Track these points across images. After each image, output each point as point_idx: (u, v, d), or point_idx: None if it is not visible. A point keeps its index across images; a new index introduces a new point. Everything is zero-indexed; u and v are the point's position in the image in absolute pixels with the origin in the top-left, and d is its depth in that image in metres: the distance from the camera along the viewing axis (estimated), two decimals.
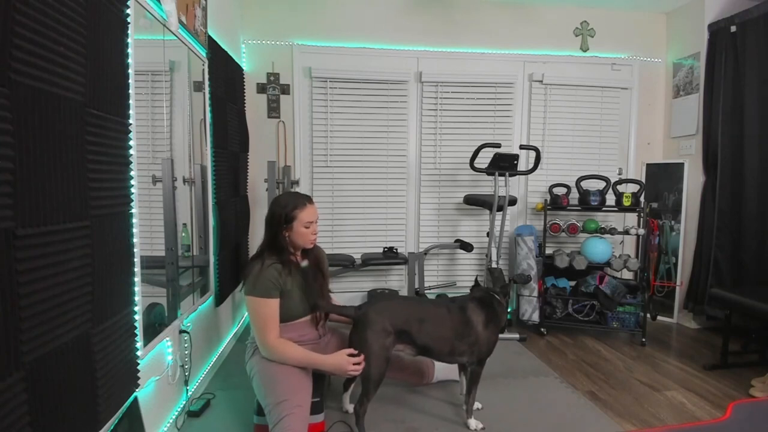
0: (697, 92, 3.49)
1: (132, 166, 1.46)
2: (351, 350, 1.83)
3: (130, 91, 1.48)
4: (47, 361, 1.05)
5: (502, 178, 3.07)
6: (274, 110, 3.48)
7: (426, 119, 3.63)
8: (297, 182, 3.43)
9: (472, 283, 2.27)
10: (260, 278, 1.80)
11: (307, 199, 1.91)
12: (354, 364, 1.79)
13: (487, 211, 3.30)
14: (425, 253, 3.47)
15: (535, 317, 3.31)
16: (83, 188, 1.19)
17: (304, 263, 1.96)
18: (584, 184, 3.39)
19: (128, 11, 1.45)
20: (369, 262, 3.36)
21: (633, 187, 3.39)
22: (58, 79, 1.08)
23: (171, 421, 1.90)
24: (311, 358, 1.83)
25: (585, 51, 3.76)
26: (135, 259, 1.50)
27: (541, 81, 3.67)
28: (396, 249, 3.49)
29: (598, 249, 3.27)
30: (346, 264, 3.31)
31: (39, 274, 1.02)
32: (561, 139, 3.75)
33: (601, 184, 3.34)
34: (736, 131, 3.18)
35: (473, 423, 2.00)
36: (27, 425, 0.98)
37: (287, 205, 1.88)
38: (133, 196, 1.47)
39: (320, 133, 3.52)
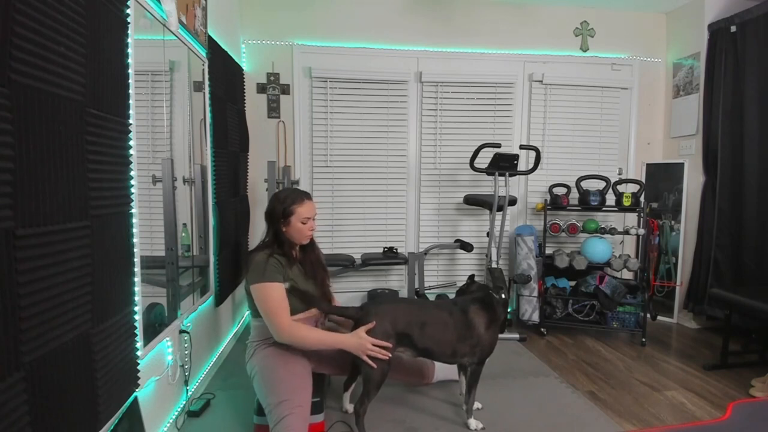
0: (697, 92, 3.49)
1: (132, 166, 1.46)
2: (370, 325, 1.79)
3: (130, 91, 1.48)
4: (47, 361, 1.04)
5: (502, 178, 3.07)
6: (274, 110, 3.48)
7: (426, 119, 3.63)
8: (297, 182, 3.43)
9: (467, 281, 2.26)
10: (265, 265, 1.80)
11: (305, 195, 1.93)
12: (373, 353, 1.76)
13: (487, 211, 3.30)
14: (425, 253, 3.46)
15: (535, 317, 3.31)
16: (83, 188, 1.19)
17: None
18: (584, 184, 3.39)
19: (128, 11, 1.45)
20: (369, 262, 3.36)
21: (633, 187, 3.38)
22: (58, 79, 1.08)
23: (171, 421, 1.90)
24: (329, 337, 1.81)
25: (585, 51, 3.76)
26: (135, 259, 1.50)
27: (541, 81, 3.67)
28: (396, 249, 3.49)
29: (598, 249, 3.27)
30: (345, 264, 3.31)
31: (39, 274, 1.02)
32: (561, 139, 3.75)
33: (601, 184, 3.34)
34: (736, 131, 3.18)
35: (473, 423, 2.00)
36: (27, 425, 0.98)
37: (285, 200, 1.90)
38: (133, 196, 1.47)
39: (320, 133, 3.52)
